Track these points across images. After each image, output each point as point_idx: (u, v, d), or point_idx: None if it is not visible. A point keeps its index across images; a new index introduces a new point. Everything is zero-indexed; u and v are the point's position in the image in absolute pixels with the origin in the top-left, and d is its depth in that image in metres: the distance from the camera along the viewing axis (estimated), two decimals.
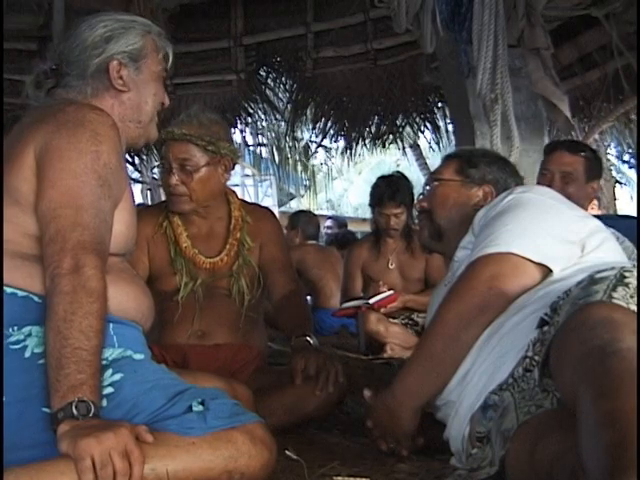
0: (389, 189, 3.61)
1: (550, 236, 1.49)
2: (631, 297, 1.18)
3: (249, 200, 2.97)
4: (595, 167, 2.71)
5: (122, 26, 1.56)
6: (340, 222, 7.36)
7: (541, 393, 1.24)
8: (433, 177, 1.93)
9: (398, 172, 3.92)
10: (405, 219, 3.65)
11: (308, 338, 2.07)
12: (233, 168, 2.25)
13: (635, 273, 1.24)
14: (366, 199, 3.90)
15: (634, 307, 1.16)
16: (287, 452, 1.54)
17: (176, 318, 2.16)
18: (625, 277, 1.22)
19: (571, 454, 1.03)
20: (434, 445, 1.55)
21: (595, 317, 1.11)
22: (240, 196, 2.44)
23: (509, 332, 1.39)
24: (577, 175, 2.64)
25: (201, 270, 2.21)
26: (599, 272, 1.27)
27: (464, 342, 1.45)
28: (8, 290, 1.32)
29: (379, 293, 3.52)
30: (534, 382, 1.26)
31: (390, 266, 3.72)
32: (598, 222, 1.60)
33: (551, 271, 1.46)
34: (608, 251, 1.53)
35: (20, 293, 1.33)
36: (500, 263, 1.46)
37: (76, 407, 1.18)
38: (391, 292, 3.53)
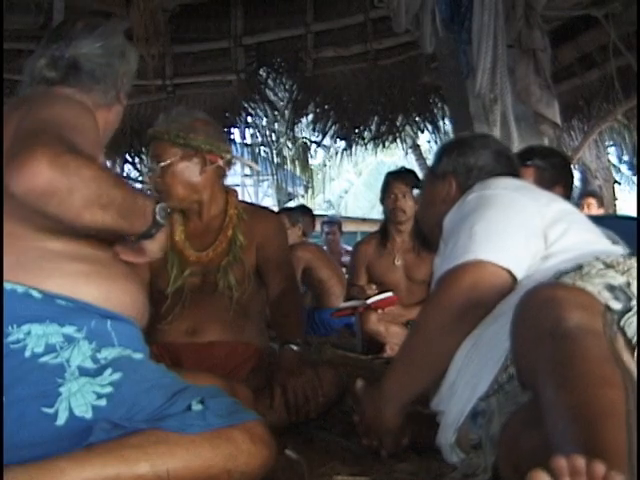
0: (396, 171, 3.82)
1: (514, 239, 1.47)
2: (580, 278, 1.21)
3: (249, 201, 2.97)
4: (553, 173, 2.40)
5: (128, 43, 1.60)
6: (336, 221, 7.33)
7: (521, 392, 1.23)
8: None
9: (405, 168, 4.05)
10: (412, 206, 3.47)
11: (293, 346, 2.08)
12: (222, 165, 2.21)
13: (595, 264, 1.26)
14: (365, 200, 3.93)
15: (581, 284, 1.19)
16: (287, 452, 1.54)
17: (163, 311, 2.14)
18: (582, 268, 1.25)
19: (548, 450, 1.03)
20: (434, 445, 1.55)
21: (539, 298, 1.13)
22: (240, 196, 2.43)
23: (487, 343, 1.38)
24: None
25: (188, 263, 2.21)
26: (563, 274, 1.29)
27: (443, 351, 1.45)
28: (8, 286, 1.30)
29: (378, 293, 3.53)
30: (517, 383, 1.25)
31: (396, 262, 3.67)
32: (562, 206, 1.57)
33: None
34: (575, 235, 1.50)
35: (20, 289, 1.31)
36: (471, 272, 1.43)
37: (159, 213, 1.37)
38: (390, 294, 3.51)
